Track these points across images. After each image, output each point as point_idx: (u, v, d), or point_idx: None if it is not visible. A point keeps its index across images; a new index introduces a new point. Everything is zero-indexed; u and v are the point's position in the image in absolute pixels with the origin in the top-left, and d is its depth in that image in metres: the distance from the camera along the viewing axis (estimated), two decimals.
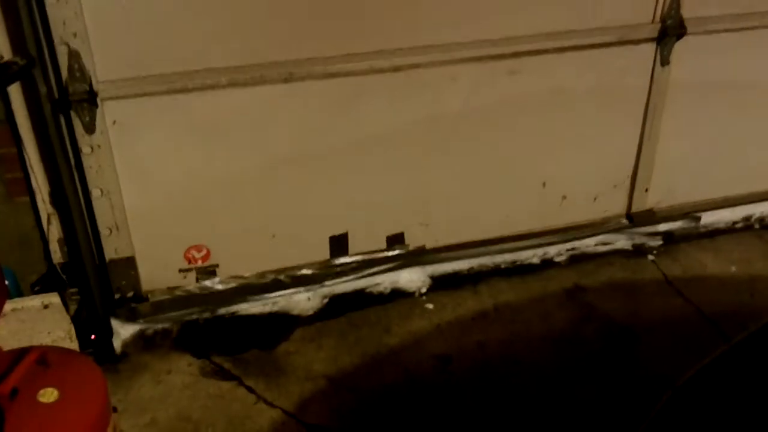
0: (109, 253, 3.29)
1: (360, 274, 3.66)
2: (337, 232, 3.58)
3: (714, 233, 4.14)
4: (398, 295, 3.67)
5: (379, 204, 3.58)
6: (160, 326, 3.44)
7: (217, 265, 3.47)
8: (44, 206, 3.11)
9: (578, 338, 3.41)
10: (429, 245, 3.76)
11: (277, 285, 3.57)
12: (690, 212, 4.11)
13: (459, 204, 3.71)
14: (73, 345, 3.03)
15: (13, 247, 3.11)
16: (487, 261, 3.81)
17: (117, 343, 3.33)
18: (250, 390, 3.13)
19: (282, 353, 3.34)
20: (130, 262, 3.34)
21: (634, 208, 4.01)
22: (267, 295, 3.56)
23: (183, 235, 3.39)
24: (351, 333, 3.44)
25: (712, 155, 4.03)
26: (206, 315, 3.49)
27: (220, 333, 3.45)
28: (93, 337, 3.23)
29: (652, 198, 4.02)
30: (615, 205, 4.00)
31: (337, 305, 3.60)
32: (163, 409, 3.02)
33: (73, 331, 3.05)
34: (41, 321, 2.95)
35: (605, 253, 3.95)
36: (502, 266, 3.83)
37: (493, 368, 3.24)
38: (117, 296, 3.37)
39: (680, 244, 4.04)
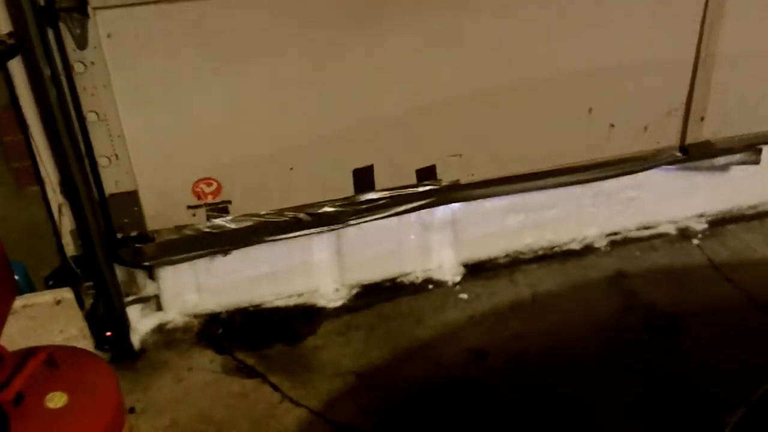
0: (109, 187, 2.99)
1: (387, 212, 3.34)
2: (362, 164, 3.28)
3: (763, 215, 3.92)
4: (430, 284, 3.50)
5: (408, 131, 3.27)
6: (180, 320, 3.30)
7: (229, 202, 3.20)
8: (54, 196, 2.93)
9: (622, 328, 3.22)
10: (463, 180, 3.44)
11: (295, 224, 3.26)
12: (751, 144, 3.78)
13: (497, 133, 3.39)
14: (88, 343, 2.89)
15: (23, 239, 2.94)
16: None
17: (135, 339, 3.20)
18: (275, 388, 2.98)
19: (308, 348, 3.18)
20: (132, 197, 3.05)
21: (689, 140, 3.69)
22: (286, 234, 3.25)
23: (190, 167, 3.08)
24: (381, 326, 3.28)
25: None
26: (219, 255, 3.24)
27: (243, 327, 3.30)
28: (109, 334, 3.09)
29: (708, 128, 3.70)
30: (668, 136, 3.66)
31: (366, 296, 3.44)
32: (183, 410, 2.89)
33: (87, 329, 2.92)
34: (53, 318, 2.80)
35: (648, 237, 3.75)
36: (540, 252, 3.64)
37: (531, 362, 3.07)
38: (119, 236, 3.08)
39: (727, 226, 3.83)
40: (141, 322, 3.26)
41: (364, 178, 3.30)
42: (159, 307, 3.33)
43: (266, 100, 3.05)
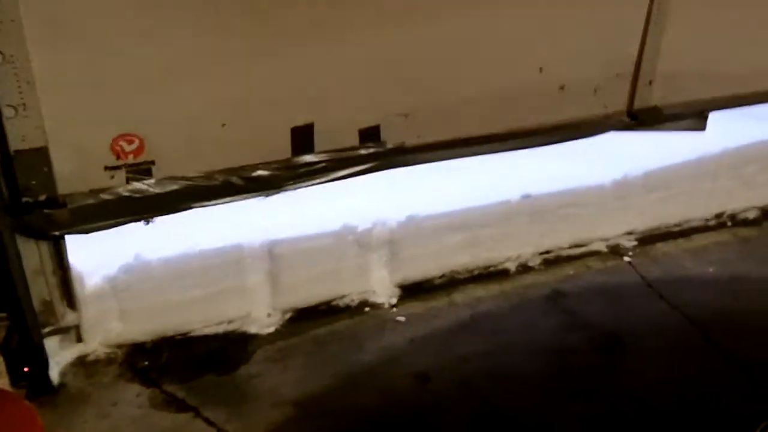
0: (15, 143, 2.60)
1: (326, 177, 3.11)
2: (301, 122, 3.03)
3: (689, 232, 3.99)
4: (367, 306, 3.38)
5: (352, 86, 3.03)
6: (102, 351, 3.08)
7: (152, 162, 2.85)
8: None
9: (563, 348, 3.19)
10: (409, 142, 3.24)
11: (227, 188, 2.97)
12: (698, 111, 3.74)
13: (445, 92, 3.21)
14: (4, 381, 2.64)
15: None
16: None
17: (54, 373, 2.96)
18: (210, 422, 2.81)
19: (243, 377, 3.01)
20: (41, 155, 2.65)
21: (638, 105, 3.63)
22: (215, 200, 2.97)
23: (109, 120, 2.73)
24: (319, 351, 3.14)
25: (725, 45, 3.68)
26: (140, 223, 2.93)
27: (171, 357, 3.10)
28: (26, 369, 2.84)
29: (657, 93, 3.65)
30: (617, 100, 3.60)
31: (300, 321, 3.29)
32: None
33: (2, 365, 2.68)
34: None
35: (581, 255, 3.75)
36: (476, 272, 3.58)
37: (475, 386, 2.99)
38: (25, 200, 2.70)
39: (656, 243, 3.87)
40: (60, 355, 3.02)
41: (302, 138, 3.04)
42: (79, 338, 3.09)
43: (199, 46, 2.75)
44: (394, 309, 3.37)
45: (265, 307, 3.28)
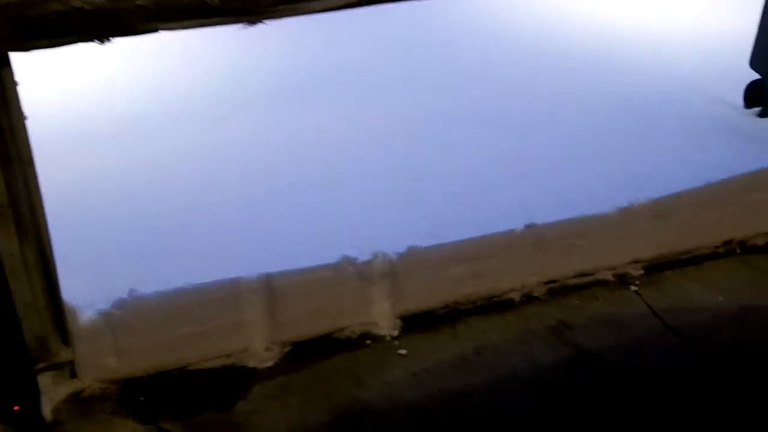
0: None
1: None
2: None
3: (698, 259, 3.89)
4: (368, 339, 3.29)
5: None
6: (97, 387, 3.01)
7: None
8: None
9: (568, 385, 3.10)
10: None
11: (201, 8, 2.55)
12: None
13: None
14: None
15: None
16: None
17: (47, 409, 2.89)
18: None
19: (241, 414, 2.94)
20: None
21: None
22: (186, 22, 2.57)
23: None
24: (318, 387, 3.05)
25: None
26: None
27: (168, 392, 3.03)
28: (17, 408, 2.77)
29: None
30: None
31: (300, 354, 3.21)
32: None
33: None
34: None
35: (587, 284, 3.66)
36: (479, 303, 3.50)
37: (479, 423, 2.91)
38: None
39: (664, 272, 3.78)
40: (54, 391, 2.94)
41: None
42: (73, 374, 3.03)
43: None
44: (396, 341, 3.29)
45: (264, 341, 3.20)
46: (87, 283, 3.07)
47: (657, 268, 3.78)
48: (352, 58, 5.68)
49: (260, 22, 2.69)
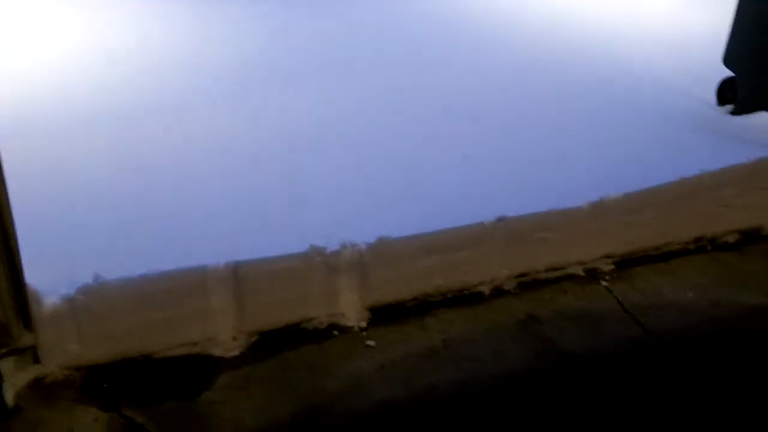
0: None
1: None
2: None
3: (668, 256, 3.90)
4: (336, 330, 3.27)
5: None
6: (61, 373, 2.96)
7: None
8: None
9: (536, 377, 3.09)
10: None
11: None
12: None
13: None
14: None
15: None
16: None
17: (9, 395, 2.84)
18: None
19: (205, 404, 2.90)
20: None
21: None
22: None
23: None
24: (285, 377, 3.02)
25: None
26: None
27: (132, 380, 2.99)
28: None
29: None
30: None
31: (266, 344, 3.18)
32: None
33: None
34: None
35: (557, 278, 3.66)
36: (449, 295, 3.48)
37: (446, 416, 2.89)
38: None
39: (635, 267, 3.78)
40: (16, 377, 2.89)
41: None
42: (36, 359, 2.98)
43: None
44: (364, 333, 3.26)
45: (230, 330, 3.17)
46: (51, 268, 3.02)
47: (628, 263, 3.80)
48: (321, 44, 5.70)
49: None
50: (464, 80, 5.28)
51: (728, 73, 4.90)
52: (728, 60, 4.84)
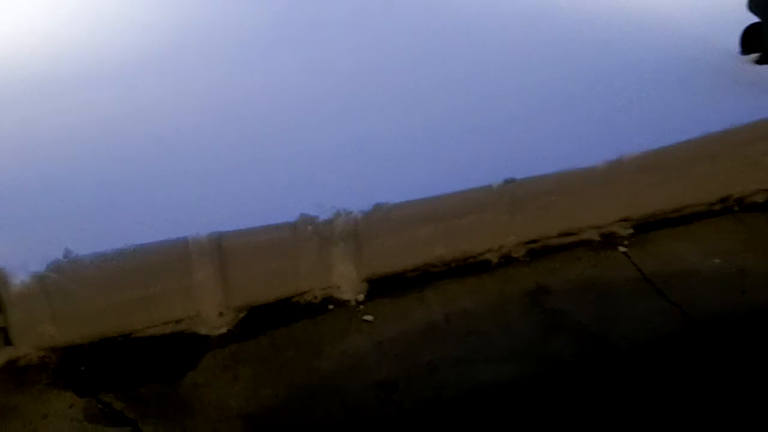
0: None
1: None
2: None
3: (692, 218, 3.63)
4: (331, 304, 3.06)
5: None
6: (35, 355, 2.78)
7: None
8: None
9: (546, 354, 2.87)
10: None
11: None
12: None
13: None
14: None
15: None
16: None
17: None
18: None
19: (189, 387, 2.72)
20: None
21: None
22: None
23: None
24: (274, 357, 2.83)
25: None
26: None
27: (111, 361, 2.81)
28: None
29: None
30: None
31: (255, 321, 2.99)
32: None
33: None
34: None
35: (570, 244, 3.41)
36: (453, 265, 3.25)
37: (447, 396, 2.69)
38: None
39: (655, 231, 3.51)
40: None
41: None
42: (8, 341, 2.80)
43: None
44: (361, 306, 3.06)
45: (216, 306, 2.98)
46: (18, 244, 2.85)
47: (647, 227, 3.55)
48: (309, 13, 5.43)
49: None
50: (474, 38, 5.00)
51: (753, 18, 4.59)
52: (753, 4, 4.54)
